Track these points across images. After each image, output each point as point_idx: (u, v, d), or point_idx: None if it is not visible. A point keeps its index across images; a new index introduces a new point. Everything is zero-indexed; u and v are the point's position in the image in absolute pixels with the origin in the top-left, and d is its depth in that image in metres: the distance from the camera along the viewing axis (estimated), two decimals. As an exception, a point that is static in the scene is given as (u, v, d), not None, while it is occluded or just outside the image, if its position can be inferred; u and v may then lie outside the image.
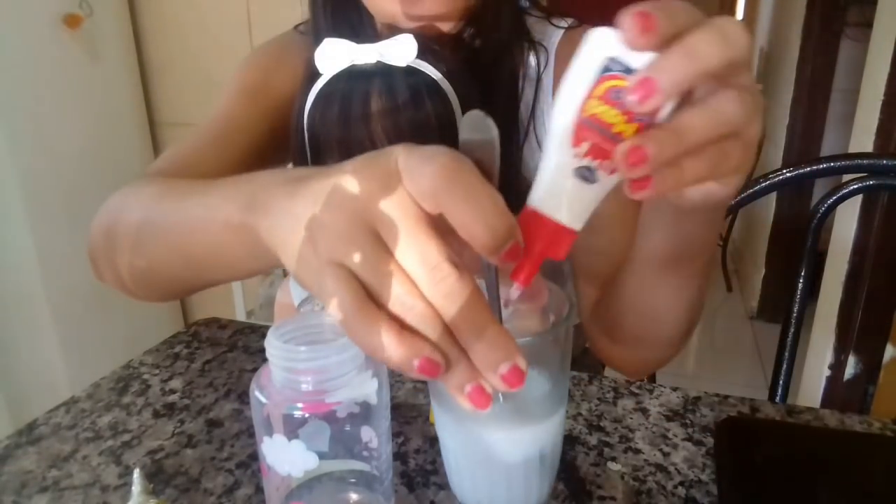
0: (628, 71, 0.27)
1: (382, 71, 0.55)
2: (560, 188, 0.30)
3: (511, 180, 0.70)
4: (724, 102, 0.28)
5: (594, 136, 0.28)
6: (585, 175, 0.29)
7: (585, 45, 0.28)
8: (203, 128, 0.70)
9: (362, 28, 0.67)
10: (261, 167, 0.67)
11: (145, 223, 0.52)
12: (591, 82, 0.28)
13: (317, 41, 0.61)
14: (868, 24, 1.55)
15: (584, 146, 0.28)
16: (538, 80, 0.70)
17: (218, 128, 0.70)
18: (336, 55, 0.56)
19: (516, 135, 0.71)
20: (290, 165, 0.70)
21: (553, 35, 0.72)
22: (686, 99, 0.29)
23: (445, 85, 0.57)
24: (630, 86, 0.26)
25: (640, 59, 0.27)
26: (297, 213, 0.31)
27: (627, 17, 0.26)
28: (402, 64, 0.55)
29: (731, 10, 4.65)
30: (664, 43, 0.27)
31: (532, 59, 0.70)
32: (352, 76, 0.56)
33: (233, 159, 0.68)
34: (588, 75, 0.28)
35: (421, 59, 0.56)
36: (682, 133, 0.28)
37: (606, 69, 0.28)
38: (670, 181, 0.28)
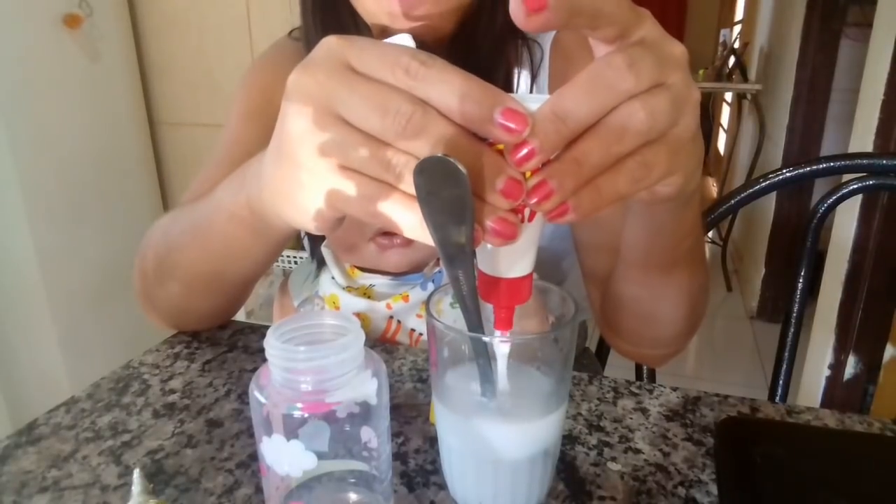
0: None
1: None
2: (493, 250, 0.32)
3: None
4: (625, 117, 0.28)
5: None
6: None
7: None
8: (216, 158, 0.72)
9: (356, 31, 0.67)
10: None
11: (166, 243, 0.58)
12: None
13: (308, 47, 0.61)
14: (868, 24, 1.55)
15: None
16: (534, 76, 0.70)
17: (230, 155, 0.71)
18: None
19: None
20: None
21: (548, 32, 0.72)
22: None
23: None
24: (511, 152, 0.27)
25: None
26: (272, 159, 0.35)
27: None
28: None
29: (730, 10, 4.65)
30: (561, 22, 0.26)
31: (527, 56, 0.70)
32: None
33: None
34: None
35: None
36: (582, 160, 0.28)
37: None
38: (588, 204, 0.28)
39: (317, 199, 0.33)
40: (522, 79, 0.70)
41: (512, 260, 0.32)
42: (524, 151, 0.27)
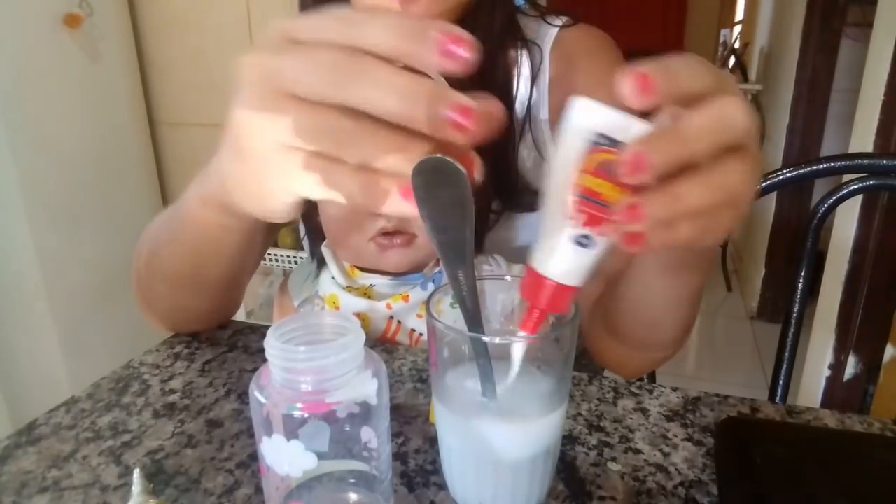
0: (615, 143, 0.28)
1: None
2: (559, 254, 0.32)
3: (509, 178, 0.70)
4: (726, 175, 0.29)
5: (588, 207, 0.29)
6: (582, 242, 0.31)
7: (571, 118, 0.29)
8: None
9: None
10: None
11: (154, 243, 0.58)
12: (580, 158, 0.29)
13: None
14: (868, 24, 1.55)
15: (581, 218, 0.30)
16: (534, 78, 0.70)
17: None
18: None
19: (512, 133, 0.71)
20: None
21: (547, 33, 0.72)
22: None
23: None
24: (621, 161, 0.27)
25: (626, 133, 0.28)
26: (226, 149, 0.34)
27: (627, 77, 0.26)
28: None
29: (731, 10, 4.65)
30: (664, 102, 0.27)
31: (526, 58, 0.70)
32: None
33: None
34: (577, 152, 0.29)
35: None
36: (681, 199, 0.28)
37: (595, 143, 0.29)
38: (661, 240, 0.29)
39: (271, 183, 0.32)
40: (522, 81, 0.70)
41: (570, 265, 0.32)
42: (639, 160, 0.26)
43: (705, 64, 0.29)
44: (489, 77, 0.68)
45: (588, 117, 0.29)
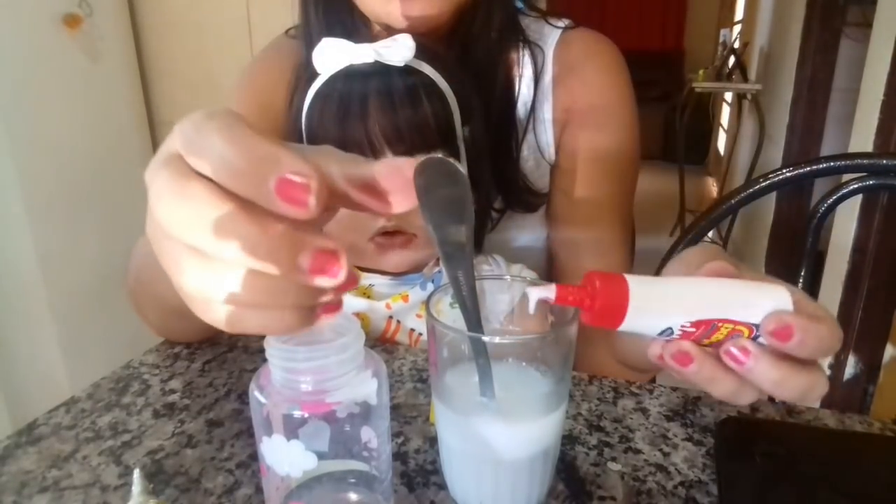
0: (755, 326, 0.32)
1: (380, 71, 0.55)
2: (651, 313, 0.33)
3: (510, 177, 0.70)
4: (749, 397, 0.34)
5: (700, 332, 0.33)
6: (665, 332, 0.33)
7: (767, 298, 0.33)
8: None
9: (355, 29, 0.67)
10: None
11: (136, 273, 0.57)
12: (744, 319, 0.32)
13: (308, 43, 0.61)
14: (868, 24, 1.54)
15: (691, 329, 0.33)
16: (536, 79, 0.70)
17: None
18: (333, 55, 0.56)
19: (515, 133, 0.71)
20: None
21: (550, 36, 0.72)
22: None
23: (443, 84, 0.57)
24: (737, 345, 0.32)
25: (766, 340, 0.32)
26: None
27: (774, 318, 0.31)
28: (400, 63, 0.55)
29: (731, 10, 4.65)
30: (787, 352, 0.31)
31: (528, 59, 0.70)
32: (349, 76, 0.56)
33: None
34: (748, 315, 0.32)
35: (418, 58, 0.56)
36: (714, 383, 0.33)
37: (750, 322, 0.32)
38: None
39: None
40: (524, 81, 0.70)
41: (644, 318, 0.33)
42: (738, 361, 0.32)
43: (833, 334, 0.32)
44: (490, 77, 0.68)
45: (767, 306, 0.32)
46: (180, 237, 0.24)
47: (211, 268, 0.24)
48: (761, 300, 0.32)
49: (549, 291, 0.33)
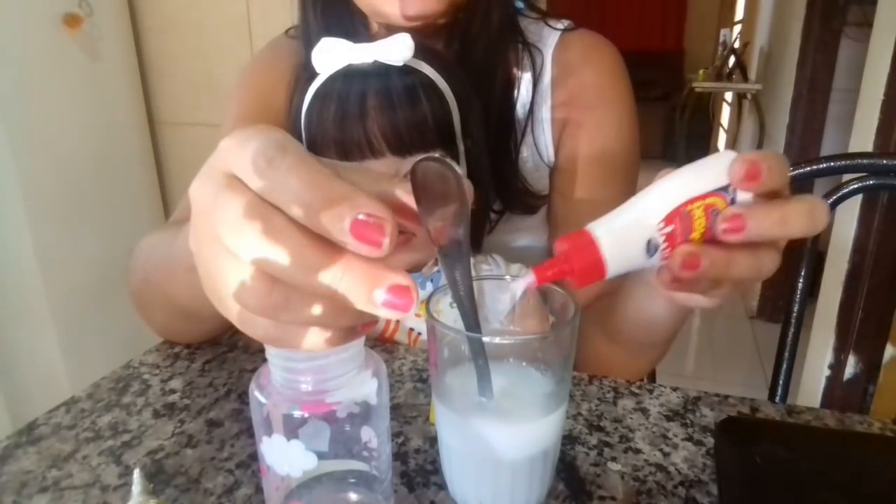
0: (734, 201, 0.33)
1: (379, 70, 0.55)
2: (625, 242, 0.33)
3: (508, 179, 0.70)
4: (770, 261, 0.35)
5: (679, 226, 0.33)
6: (649, 248, 0.33)
7: (716, 162, 0.33)
8: None
9: (353, 28, 0.67)
10: None
11: (145, 273, 0.56)
12: (705, 190, 0.32)
13: (307, 43, 0.61)
14: (868, 24, 1.55)
15: (668, 228, 0.33)
16: (535, 81, 0.70)
17: None
18: (333, 55, 0.56)
19: (514, 134, 0.71)
20: None
21: (549, 37, 0.72)
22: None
23: (442, 84, 0.57)
24: (726, 216, 0.32)
25: (746, 196, 0.33)
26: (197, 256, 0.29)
27: (738, 162, 0.32)
28: (399, 63, 0.55)
29: (731, 10, 4.65)
30: (761, 191, 0.32)
31: (527, 60, 0.70)
32: (348, 76, 0.56)
33: None
34: (706, 184, 0.33)
35: (417, 58, 0.56)
36: (733, 267, 0.33)
37: (721, 188, 0.33)
38: (695, 290, 0.35)
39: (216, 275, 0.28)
40: (523, 83, 0.70)
41: (624, 255, 0.33)
42: (738, 221, 0.32)
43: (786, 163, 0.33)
44: (489, 77, 0.68)
45: (727, 167, 0.32)
46: (262, 266, 0.24)
47: (283, 293, 0.25)
48: (711, 165, 0.33)
49: (528, 278, 0.34)
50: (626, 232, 0.33)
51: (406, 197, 0.28)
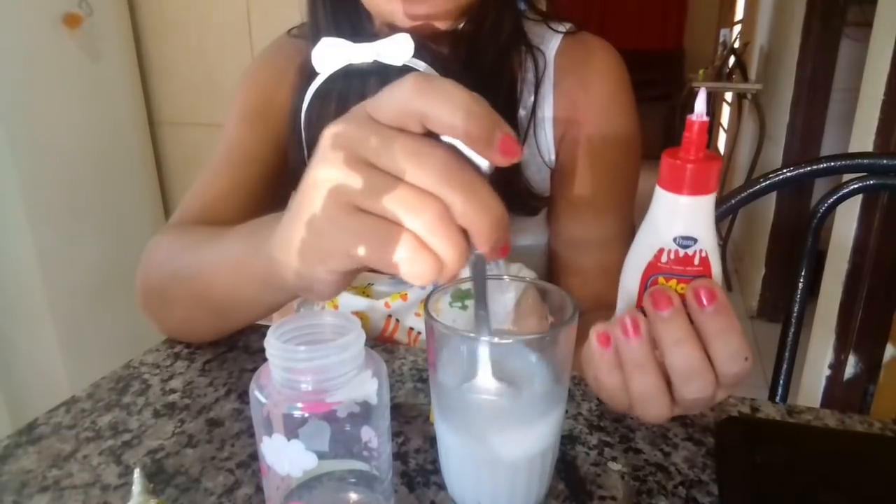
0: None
1: (379, 70, 0.55)
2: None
3: (510, 180, 0.70)
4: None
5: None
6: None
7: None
8: (214, 163, 0.71)
9: (362, 27, 0.67)
10: (276, 192, 0.70)
11: (171, 272, 0.57)
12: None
13: (313, 42, 0.61)
14: (868, 24, 1.55)
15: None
16: (537, 84, 0.70)
17: (229, 160, 0.71)
18: (333, 55, 0.56)
19: (516, 136, 0.71)
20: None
21: (551, 40, 0.72)
22: None
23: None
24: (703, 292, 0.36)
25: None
26: (293, 210, 0.35)
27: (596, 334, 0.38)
28: (399, 63, 0.55)
29: (731, 10, 4.65)
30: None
31: (530, 63, 0.70)
32: (348, 75, 0.56)
33: (250, 191, 0.70)
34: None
35: (418, 57, 0.56)
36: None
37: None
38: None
39: (330, 245, 0.33)
40: (526, 86, 0.70)
41: None
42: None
43: None
44: (496, 81, 0.68)
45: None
46: (436, 190, 0.30)
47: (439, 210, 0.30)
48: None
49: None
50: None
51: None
